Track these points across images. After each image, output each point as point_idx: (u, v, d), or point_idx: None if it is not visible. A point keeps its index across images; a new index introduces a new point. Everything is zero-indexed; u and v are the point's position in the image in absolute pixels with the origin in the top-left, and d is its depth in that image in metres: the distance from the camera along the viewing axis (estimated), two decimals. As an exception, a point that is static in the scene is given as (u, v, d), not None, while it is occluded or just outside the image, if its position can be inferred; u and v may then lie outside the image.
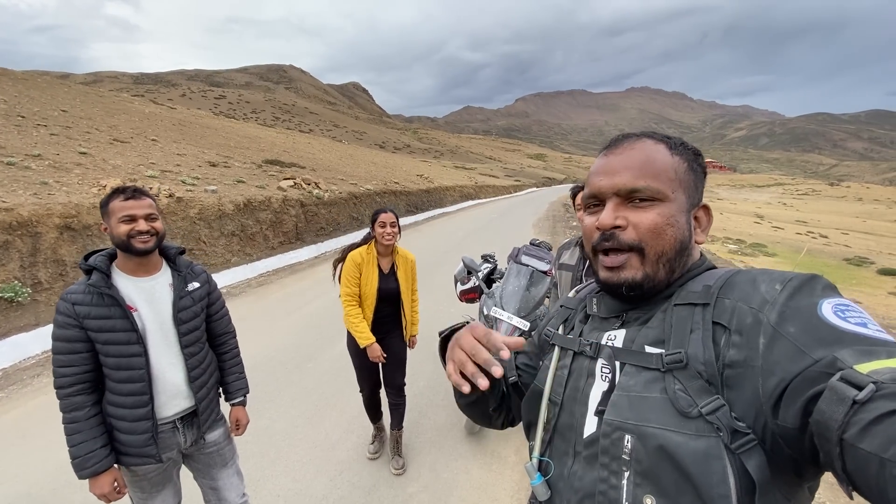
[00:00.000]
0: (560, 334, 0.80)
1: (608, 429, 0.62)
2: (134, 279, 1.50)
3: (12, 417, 3.26)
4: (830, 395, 0.44)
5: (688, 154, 0.70)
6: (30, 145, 7.97)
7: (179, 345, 1.56)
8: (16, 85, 13.87)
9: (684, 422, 0.55)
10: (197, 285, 1.64)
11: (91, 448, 1.41)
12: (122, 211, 1.43)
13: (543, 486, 0.72)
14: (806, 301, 0.54)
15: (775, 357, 0.51)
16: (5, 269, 4.69)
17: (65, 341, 1.39)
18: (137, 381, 1.46)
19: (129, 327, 1.43)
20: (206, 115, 26.71)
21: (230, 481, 1.78)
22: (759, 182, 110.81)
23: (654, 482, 0.57)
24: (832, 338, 0.49)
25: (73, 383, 1.41)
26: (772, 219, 35.69)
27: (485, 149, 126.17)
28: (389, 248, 2.59)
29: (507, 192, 40.39)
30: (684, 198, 0.68)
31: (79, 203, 5.76)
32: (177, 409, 1.57)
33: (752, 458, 0.52)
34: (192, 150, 12.98)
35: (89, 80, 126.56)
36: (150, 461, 1.51)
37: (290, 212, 9.95)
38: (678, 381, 0.58)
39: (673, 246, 0.66)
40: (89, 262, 1.44)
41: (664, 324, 0.64)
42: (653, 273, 0.66)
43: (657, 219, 0.65)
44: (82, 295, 1.40)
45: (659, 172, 0.66)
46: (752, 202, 57.52)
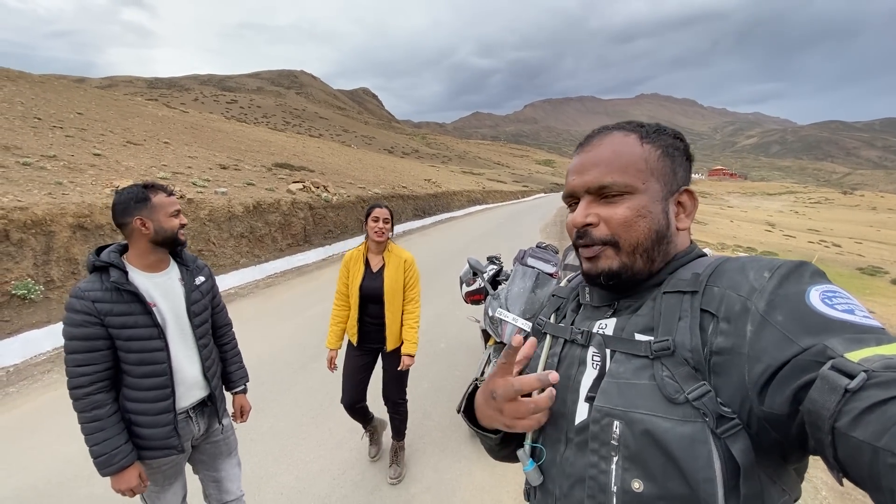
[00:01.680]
0: (552, 323, 0.82)
1: (598, 415, 0.63)
2: (149, 275, 1.51)
3: (23, 412, 3.31)
4: (822, 384, 0.44)
5: (663, 140, 0.70)
6: (45, 146, 8.13)
7: (194, 337, 1.60)
8: (33, 88, 14.18)
9: (671, 408, 0.56)
10: (203, 279, 1.68)
11: (116, 444, 1.42)
12: (171, 206, 1.50)
13: (536, 471, 0.73)
14: (794, 288, 0.54)
15: (762, 344, 0.51)
16: (19, 266, 4.77)
17: (83, 339, 1.37)
18: (160, 374, 1.48)
19: (150, 323, 1.45)
20: (217, 119, 27.08)
21: (233, 472, 1.80)
22: (770, 190, 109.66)
23: (641, 466, 0.58)
24: (819, 325, 0.49)
25: (93, 381, 1.39)
26: (783, 227, 35.26)
27: (493, 154, 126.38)
28: (382, 246, 2.45)
29: (515, 198, 40.35)
30: (658, 186, 0.68)
31: (92, 203, 5.86)
32: (192, 400, 1.61)
33: (737, 443, 0.52)
34: (203, 152, 13.16)
35: (105, 84, 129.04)
36: (172, 452, 1.53)
37: (298, 214, 10.03)
38: (666, 367, 0.59)
39: (648, 236, 0.67)
40: (102, 257, 1.42)
41: (653, 312, 0.65)
42: (630, 262, 0.68)
43: (627, 213, 0.66)
44: (101, 292, 1.38)
45: (627, 165, 0.67)
46: (764, 210, 56.88)
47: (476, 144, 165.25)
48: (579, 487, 0.65)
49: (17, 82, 14.14)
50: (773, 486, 0.55)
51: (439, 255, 9.78)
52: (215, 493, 1.78)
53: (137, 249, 1.49)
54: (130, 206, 1.44)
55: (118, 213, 1.45)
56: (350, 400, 2.56)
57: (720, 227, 30.53)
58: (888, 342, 0.46)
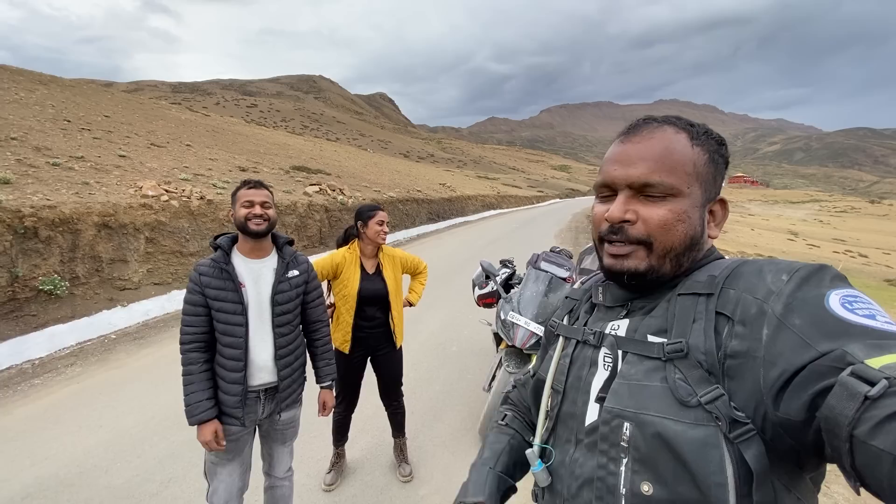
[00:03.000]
0: (565, 324, 0.82)
1: (608, 416, 0.63)
2: (247, 260, 1.73)
3: (47, 403, 3.41)
4: (841, 391, 0.43)
5: (711, 144, 0.68)
6: (74, 147, 8.41)
7: (272, 323, 1.73)
8: (63, 91, 14.70)
9: (683, 410, 0.56)
10: (296, 273, 1.82)
11: (199, 399, 1.63)
12: (244, 197, 1.68)
13: (544, 472, 0.73)
14: (813, 292, 0.52)
15: (779, 348, 0.50)
16: (46, 262, 4.94)
17: (190, 304, 1.65)
18: (237, 347, 1.67)
19: (237, 300, 1.65)
20: (238, 123, 27.65)
21: (282, 458, 1.95)
22: (793, 198, 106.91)
23: (651, 469, 0.57)
24: (839, 330, 0.48)
25: (192, 341, 1.66)
26: (807, 236, 34.33)
27: (508, 159, 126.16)
28: (374, 248, 2.45)
29: (530, 203, 40.18)
30: (700, 192, 0.66)
31: (116, 203, 6.04)
32: (261, 381, 1.74)
33: (750, 448, 0.51)
34: (223, 155, 13.45)
35: (131, 88, 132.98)
36: (235, 422, 1.69)
37: (314, 216, 10.17)
38: (678, 370, 0.58)
39: (683, 242, 0.65)
40: (217, 241, 1.69)
41: (667, 313, 0.64)
42: (658, 265, 0.66)
43: (668, 215, 0.64)
44: (207, 268, 1.65)
45: (676, 166, 0.64)
46: (786, 218, 55.48)
47: (492, 149, 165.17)
48: (588, 489, 0.64)
49: (49, 86, 14.68)
50: (788, 495, 0.53)
51: (453, 259, 9.79)
52: (266, 465, 1.97)
53: (240, 236, 1.74)
54: (231, 200, 1.73)
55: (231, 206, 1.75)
56: (349, 404, 2.58)
57: (741, 234, 29.89)
58: None
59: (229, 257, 1.69)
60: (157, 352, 4.48)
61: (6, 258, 4.54)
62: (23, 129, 8.52)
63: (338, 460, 2.64)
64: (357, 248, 2.44)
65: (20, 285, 4.63)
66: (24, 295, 4.67)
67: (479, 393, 3.66)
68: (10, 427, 3.06)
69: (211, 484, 1.74)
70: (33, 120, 9.55)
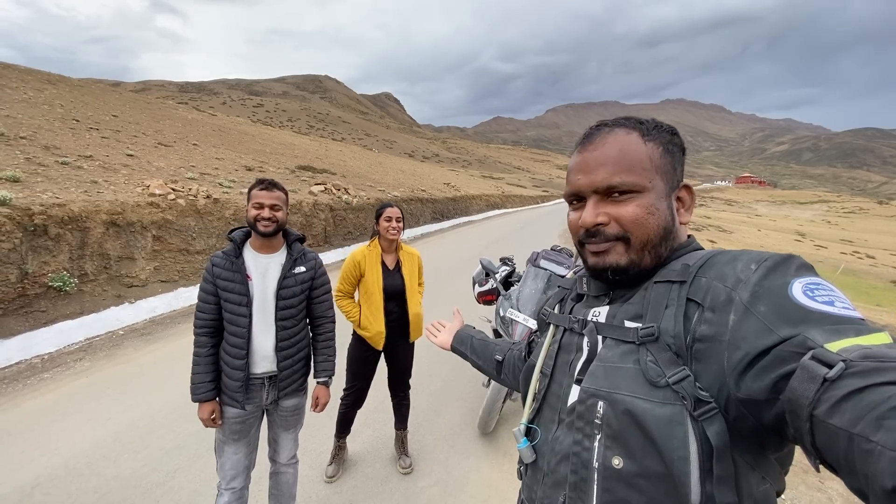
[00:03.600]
0: (555, 313, 0.87)
1: (584, 395, 0.68)
2: (257, 255, 1.82)
3: (56, 396, 3.49)
4: (802, 374, 0.46)
5: (663, 136, 0.72)
6: (82, 146, 8.53)
7: (274, 316, 1.82)
8: (72, 91, 14.88)
9: (652, 390, 0.60)
10: (303, 269, 1.89)
11: (202, 380, 1.77)
12: (255, 198, 1.76)
13: (529, 449, 0.78)
14: (778, 281, 0.56)
15: (743, 333, 0.54)
16: (56, 260, 5.03)
17: (203, 292, 1.78)
18: (240, 336, 1.76)
19: (243, 291, 1.75)
20: (244, 123, 27.83)
21: (287, 444, 2.03)
22: (801, 198, 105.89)
23: (622, 445, 0.62)
24: (798, 316, 0.51)
25: (202, 325, 1.79)
26: (814, 237, 34.02)
27: (513, 159, 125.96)
28: (393, 245, 2.55)
29: (535, 203, 40.13)
30: (662, 184, 0.70)
31: (124, 201, 6.13)
32: (264, 370, 1.83)
33: (712, 425, 0.55)
34: (229, 154, 13.57)
35: (139, 88, 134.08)
36: (235, 405, 1.80)
37: (319, 215, 10.24)
38: (650, 353, 0.62)
39: (657, 233, 0.69)
40: (231, 235, 1.80)
41: (643, 300, 0.68)
42: (638, 259, 0.70)
43: (638, 210, 0.68)
44: (220, 259, 1.77)
45: (633, 164, 0.69)
46: (794, 219, 54.98)
47: (496, 149, 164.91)
48: (564, 463, 0.70)
49: (58, 86, 14.87)
50: (752, 473, 0.57)
51: (456, 259, 9.83)
52: (272, 451, 2.05)
53: (252, 232, 1.83)
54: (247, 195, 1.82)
55: None
56: (358, 397, 2.64)
57: (747, 235, 29.66)
58: (867, 333, 0.48)
59: (241, 251, 1.79)
60: (164, 348, 4.55)
61: (16, 255, 4.63)
62: (32, 128, 8.65)
63: (339, 452, 2.69)
64: (378, 246, 2.53)
65: (30, 282, 4.72)
66: (34, 291, 4.76)
67: (478, 389, 3.71)
68: (20, 419, 3.13)
69: (219, 459, 1.86)
70: (42, 119, 9.69)
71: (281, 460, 2.03)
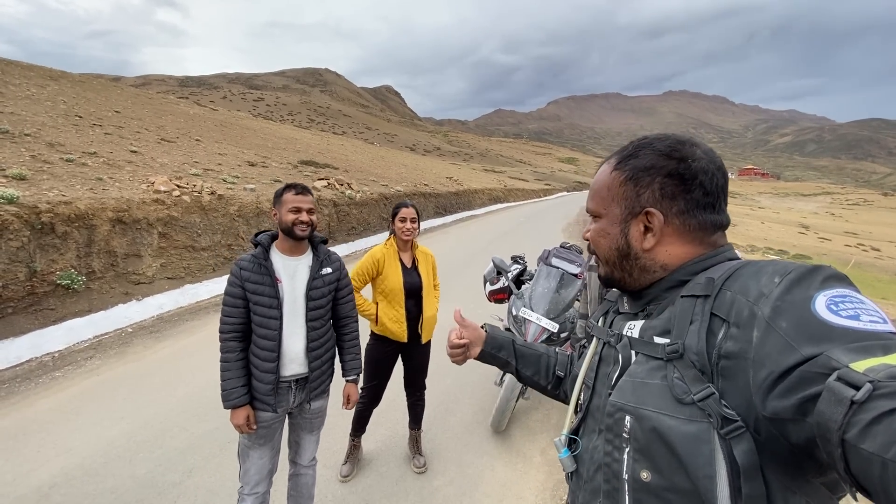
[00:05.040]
0: (598, 326, 0.89)
1: (611, 409, 0.70)
2: (285, 257, 1.84)
3: (68, 395, 3.50)
4: (829, 396, 0.44)
5: (633, 163, 0.75)
6: (86, 143, 8.51)
7: (305, 317, 1.84)
8: (74, 87, 14.82)
9: (679, 407, 0.60)
10: (329, 271, 1.93)
11: (234, 385, 1.75)
12: (292, 202, 1.78)
13: (569, 459, 0.81)
14: (801, 295, 0.54)
15: (766, 350, 0.53)
16: (63, 258, 5.03)
17: (231, 297, 1.76)
18: (271, 339, 1.77)
19: (273, 294, 1.76)
20: (245, 117, 27.74)
21: (309, 446, 2.05)
22: (804, 190, 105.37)
23: (649, 459, 0.63)
24: (821, 333, 0.49)
25: (231, 330, 1.77)
26: (818, 229, 33.89)
27: (515, 152, 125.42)
28: (409, 244, 2.57)
29: (537, 196, 40.00)
30: (618, 210, 0.76)
31: (129, 198, 6.12)
32: (293, 372, 1.84)
33: (739, 444, 0.55)
34: (232, 150, 13.53)
35: (139, 82, 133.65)
36: (267, 409, 1.80)
37: (323, 211, 10.22)
38: (677, 369, 0.62)
39: (610, 253, 0.78)
40: (257, 238, 1.82)
41: (671, 315, 0.68)
42: (608, 272, 0.81)
43: (592, 233, 0.82)
44: (248, 263, 1.77)
45: (596, 193, 0.80)
46: (797, 211, 54.74)
47: (498, 142, 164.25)
48: (599, 473, 0.72)
49: (60, 82, 14.80)
50: (793, 495, 0.56)
51: (460, 254, 9.80)
52: (293, 453, 2.07)
53: (279, 235, 1.85)
54: (274, 199, 1.84)
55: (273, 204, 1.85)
56: (373, 396, 2.64)
57: (750, 228, 29.56)
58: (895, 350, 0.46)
59: (268, 254, 1.80)
60: (174, 345, 4.56)
61: (25, 253, 4.63)
62: (36, 124, 8.62)
63: (353, 451, 2.70)
64: (394, 244, 2.54)
65: (39, 280, 4.73)
66: (43, 289, 4.76)
67: (490, 387, 3.71)
68: (34, 419, 3.15)
69: (243, 465, 1.86)
70: (46, 116, 9.66)
71: (303, 462, 2.04)
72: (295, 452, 2.05)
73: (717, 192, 0.72)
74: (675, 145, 0.73)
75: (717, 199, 0.72)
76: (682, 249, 0.73)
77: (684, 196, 0.71)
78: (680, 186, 0.71)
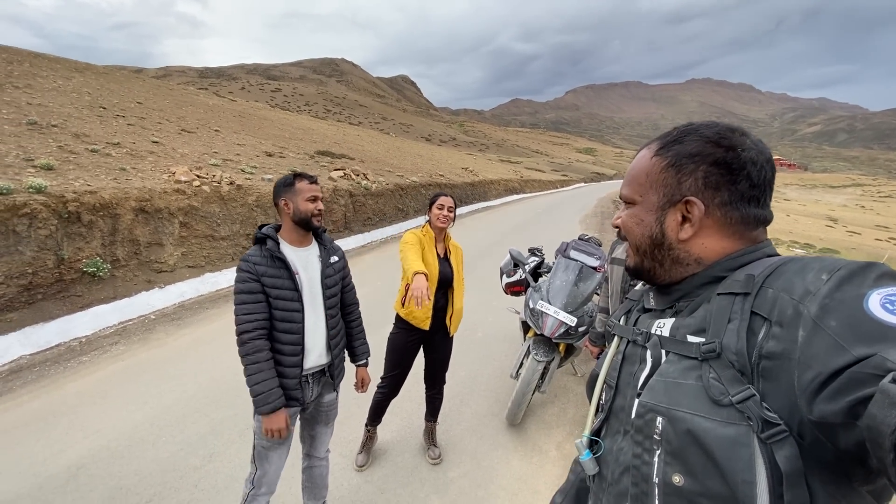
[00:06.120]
0: (620, 325, 0.85)
1: (642, 409, 0.67)
2: (295, 249, 1.79)
3: (95, 379, 3.62)
4: (882, 399, 0.42)
5: (677, 149, 0.71)
6: (110, 134, 8.69)
7: (324, 307, 1.83)
8: (98, 78, 15.12)
9: (715, 409, 0.57)
10: (336, 259, 1.92)
11: (272, 386, 1.65)
12: (309, 192, 1.75)
13: (591, 461, 0.78)
14: (852, 292, 0.50)
15: (814, 351, 0.49)
16: (89, 246, 5.17)
17: (249, 293, 1.66)
18: (296, 332, 1.73)
19: (293, 286, 1.72)
20: (263, 108, 27.97)
21: (324, 438, 2.05)
22: (833, 182, 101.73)
23: (682, 462, 0.59)
24: (877, 334, 0.46)
25: (256, 328, 1.66)
26: (847, 223, 32.76)
27: (531, 142, 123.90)
28: (443, 233, 2.57)
29: (554, 187, 39.54)
30: (656, 198, 0.72)
31: (151, 188, 6.24)
32: (314, 364, 1.82)
33: (782, 449, 0.52)
34: (250, 140, 13.67)
35: (160, 74, 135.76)
36: (295, 404, 1.77)
37: (339, 201, 10.28)
38: (713, 369, 0.59)
39: (642, 241, 0.75)
40: (263, 231, 1.73)
41: (707, 313, 0.65)
42: (639, 262, 0.77)
43: (626, 218, 0.77)
44: (259, 258, 1.69)
45: (633, 179, 0.76)
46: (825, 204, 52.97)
47: (514, 132, 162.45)
48: (627, 475, 0.69)
49: (84, 73, 15.12)
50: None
51: (475, 245, 9.76)
52: (307, 447, 2.05)
53: (285, 226, 1.79)
54: (280, 189, 1.75)
55: (274, 195, 1.77)
56: (395, 384, 2.65)
57: (775, 220, 28.72)
58: None
59: (279, 246, 1.74)
60: (195, 332, 4.66)
61: (53, 241, 4.77)
62: (62, 116, 8.83)
63: (368, 441, 2.72)
64: (430, 231, 2.53)
65: (66, 267, 4.87)
66: (70, 276, 4.91)
67: (505, 379, 3.69)
68: (63, 401, 3.26)
69: (260, 468, 1.80)
70: (71, 107, 9.88)
71: (318, 454, 2.05)
72: (310, 446, 2.04)
73: (764, 186, 0.68)
74: (724, 133, 0.69)
75: (764, 192, 0.68)
76: (721, 244, 0.70)
77: (729, 187, 0.67)
78: (726, 176, 0.67)
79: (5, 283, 4.29)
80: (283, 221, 1.81)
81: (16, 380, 3.57)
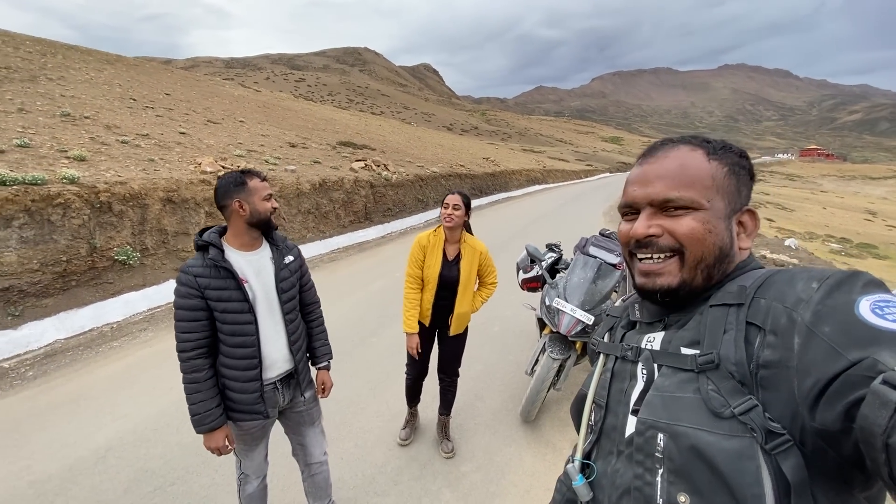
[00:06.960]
0: (605, 342, 0.84)
1: (641, 427, 0.65)
2: (243, 253, 1.63)
3: (125, 364, 3.77)
4: (873, 400, 0.42)
5: (730, 157, 0.69)
6: (139, 125, 8.95)
7: (282, 312, 1.70)
8: (128, 70, 15.56)
9: (717, 422, 0.56)
10: (291, 258, 1.77)
11: (208, 407, 1.57)
12: (264, 190, 1.62)
13: (585, 487, 0.75)
14: (843, 299, 0.52)
15: (810, 357, 0.50)
16: (120, 234, 5.37)
17: (188, 310, 1.52)
18: (249, 346, 1.61)
19: (242, 297, 1.56)
20: (287, 98, 28.30)
21: (316, 439, 1.97)
22: (873, 173, 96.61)
23: (687, 480, 0.58)
24: (868, 337, 0.47)
25: (195, 347, 1.56)
26: (887, 216, 31.16)
27: (555, 131, 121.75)
28: (455, 234, 2.50)
29: (578, 177, 38.86)
30: (723, 204, 0.67)
31: (178, 179, 6.41)
32: (278, 372, 1.73)
33: (787, 459, 0.52)
34: (274, 131, 13.87)
35: (188, 65, 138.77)
36: (258, 417, 1.68)
37: (360, 192, 10.35)
38: (711, 381, 0.59)
39: (712, 252, 0.66)
40: (204, 237, 1.56)
41: (700, 325, 0.65)
42: (689, 279, 0.67)
43: (696, 225, 0.66)
44: (202, 268, 1.52)
45: (693, 181, 0.66)
46: (864, 196, 50.46)
47: (538, 120, 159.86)
48: (626, 498, 0.67)
49: (115, 65, 15.58)
50: None
51: (495, 238, 9.70)
52: (301, 455, 1.99)
53: (235, 230, 1.62)
54: (230, 190, 1.58)
55: (219, 196, 1.58)
56: (419, 372, 2.72)
57: (810, 214, 27.56)
58: None
59: (223, 254, 1.57)
60: (218, 321, 4.79)
61: (86, 230, 4.97)
62: (94, 107, 9.14)
63: (412, 419, 2.90)
64: (442, 233, 2.51)
65: (98, 255, 5.07)
66: (102, 264, 5.11)
67: (520, 375, 3.68)
68: (94, 385, 3.41)
69: (243, 461, 1.83)
70: (103, 99, 10.21)
71: (315, 459, 1.98)
72: (304, 453, 1.96)
73: None
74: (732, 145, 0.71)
75: None
76: (743, 254, 0.71)
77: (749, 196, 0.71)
78: (751, 190, 0.72)
79: (41, 270, 4.49)
80: (232, 225, 1.62)
81: (50, 363, 3.76)
